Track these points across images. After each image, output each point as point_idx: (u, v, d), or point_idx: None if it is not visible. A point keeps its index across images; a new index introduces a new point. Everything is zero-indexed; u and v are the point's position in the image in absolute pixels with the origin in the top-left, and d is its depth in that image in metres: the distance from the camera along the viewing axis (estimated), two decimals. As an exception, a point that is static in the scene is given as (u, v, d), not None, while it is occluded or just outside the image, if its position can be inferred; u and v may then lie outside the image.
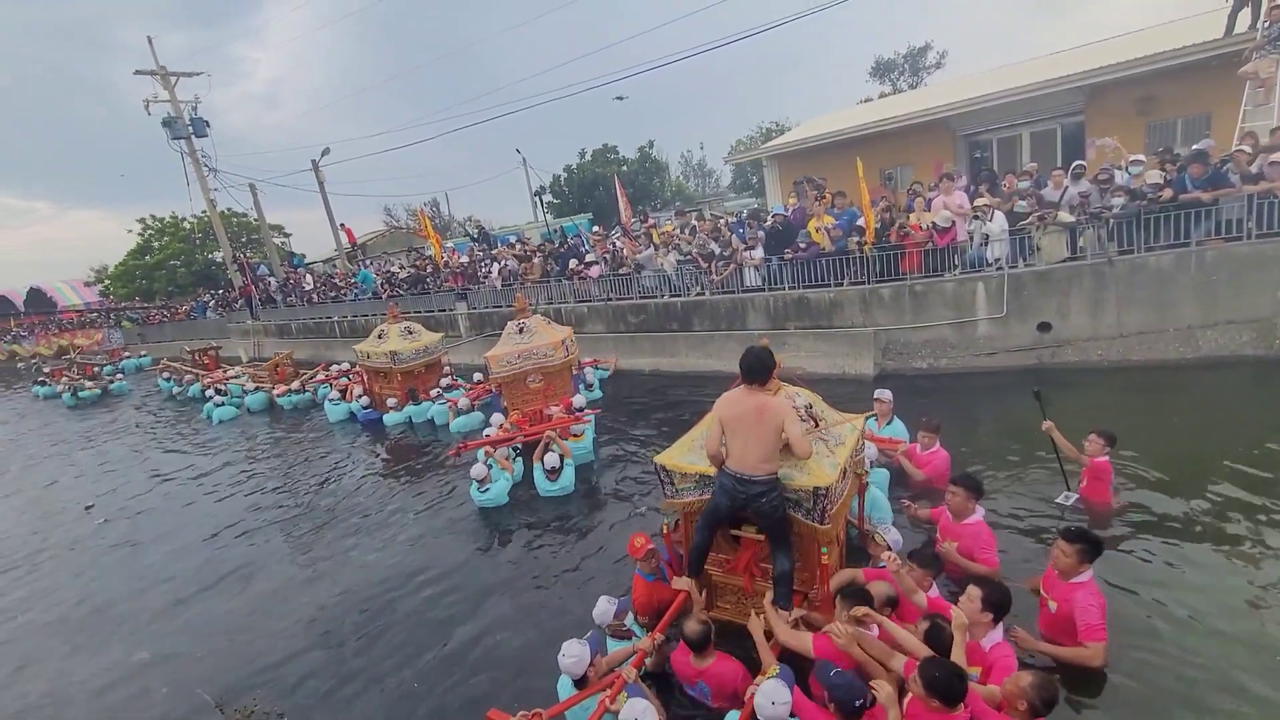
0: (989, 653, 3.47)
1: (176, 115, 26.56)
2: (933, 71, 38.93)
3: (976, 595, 3.53)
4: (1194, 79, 12.43)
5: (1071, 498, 5.44)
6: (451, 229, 43.34)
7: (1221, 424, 6.80)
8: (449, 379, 12.52)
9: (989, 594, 3.53)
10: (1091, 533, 3.88)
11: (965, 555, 4.54)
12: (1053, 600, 3.84)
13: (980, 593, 3.54)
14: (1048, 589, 3.91)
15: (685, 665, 3.87)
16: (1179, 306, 8.44)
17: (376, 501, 8.50)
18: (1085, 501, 5.40)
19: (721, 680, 3.77)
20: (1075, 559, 3.70)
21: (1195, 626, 4.05)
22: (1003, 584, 3.61)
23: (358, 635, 5.48)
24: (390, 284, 19.98)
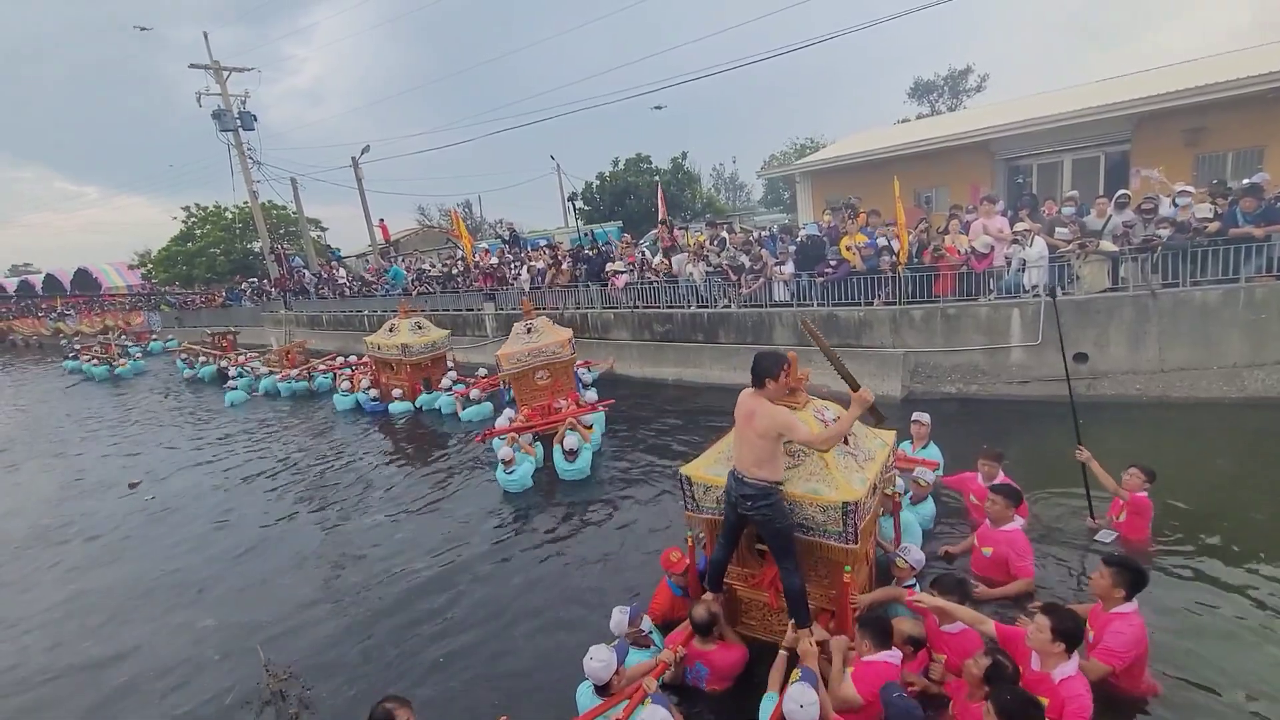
0: (1058, 686, 3.13)
1: (226, 108, 27.43)
2: (972, 95, 38.51)
3: (1045, 625, 3.18)
4: (1247, 111, 12.10)
5: (1111, 535, 5.25)
6: (483, 230, 43.88)
7: (1266, 469, 6.54)
8: (453, 374, 13.08)
9: (1058, 622, 3.17)
10: (1134, 561, 3.71)
11: (1000, 561, 4.67)
12: (1093, 629, 3.66)
13: (1049, 622, 3.18)
14: (1091, 621, 3.70)
15: (690, 646, 4.06)
16: (1225, 344, 8.16)
17: (406, 485, 8.94)
18: (1124, 539, 5.20)
19: (721, 664, 4.03)
20: (1111, 582, 3.55)
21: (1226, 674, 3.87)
22: (1073, 611, 3.32)
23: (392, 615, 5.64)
24: (420, 281, 20.25)
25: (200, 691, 4.95)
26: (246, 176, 28.27)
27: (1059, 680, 3.15)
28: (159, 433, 13.79)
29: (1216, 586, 4.70)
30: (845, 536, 3.85)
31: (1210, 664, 3.97)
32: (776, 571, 4.10)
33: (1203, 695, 3.77)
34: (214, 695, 4.87)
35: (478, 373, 13.08)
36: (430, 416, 12.43)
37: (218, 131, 27.59)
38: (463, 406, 11.79)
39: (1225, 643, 4.14)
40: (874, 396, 3.77)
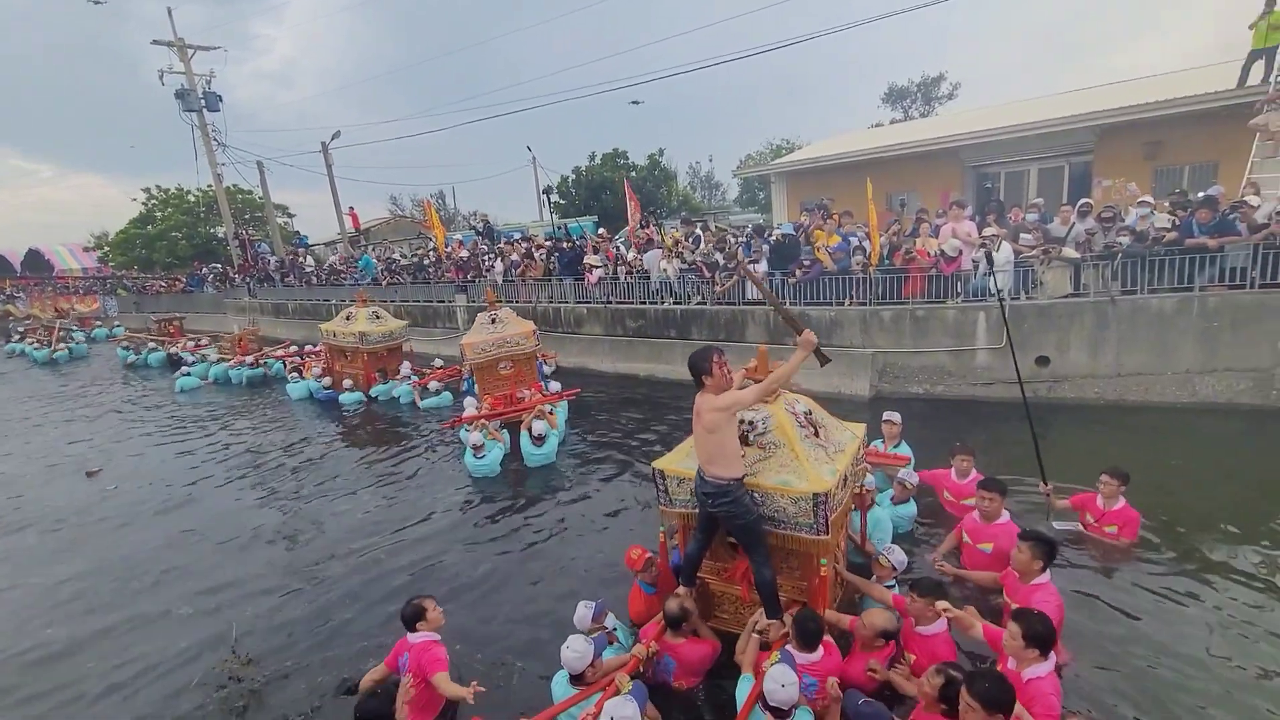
0: (1025, 685, 3.20)
1: (190, 88, 26.53)
2: (945, 102, 39.28)
3: (1017, 632, 3.28)
4: (1204, 127, 12.54)
5: (1073, 528, 5.45)
6: (456, 222, 43.29)
7: (1216, 472, 6.79)
8: (409, 364, 13.16)
9: (1028, 628, 3.26)
10: (1047, 535, 4.14)
11: (1001, 555, 4.59)
12: (1014, 602, 3.97)
13: (1020, 629, 3.27)
14: (1010, 593, 4.11)
15: (660, 640, 4.06)
16: (1179, 350, 8.44)
17: (371, 473, 8.90)
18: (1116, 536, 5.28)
19: (689, 658, 4.03)
20: (1030, 555, 3.92)
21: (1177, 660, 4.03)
22: (1043, 615, 3.36)
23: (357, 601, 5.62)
24: (390, 271, 19.88)
25: (161, 677, 4.86)
26: (211, 159, 27.40)
27: (1026, 680, 3.23)
28: (110, 420, 13.31)
29: (1170, 580, 4.85)
30: (816, 528, 3.87)
31: (1160, 649, 4.10)
32: (749, 565, 4.11)
33: (1153, 681, 3.89)
34: (176, 681, 4.78)
35: (433, 363, 13.20)
36: (386, 406, 12.42)
37: (181, 111, 26.69)
38: (421, 396, 11.88)
39: (1178, 630, 4.28)
40: (816, 341, 3.94)
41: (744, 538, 3.97)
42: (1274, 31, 11.51)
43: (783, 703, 3.25)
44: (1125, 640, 4.30)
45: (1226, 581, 4.84)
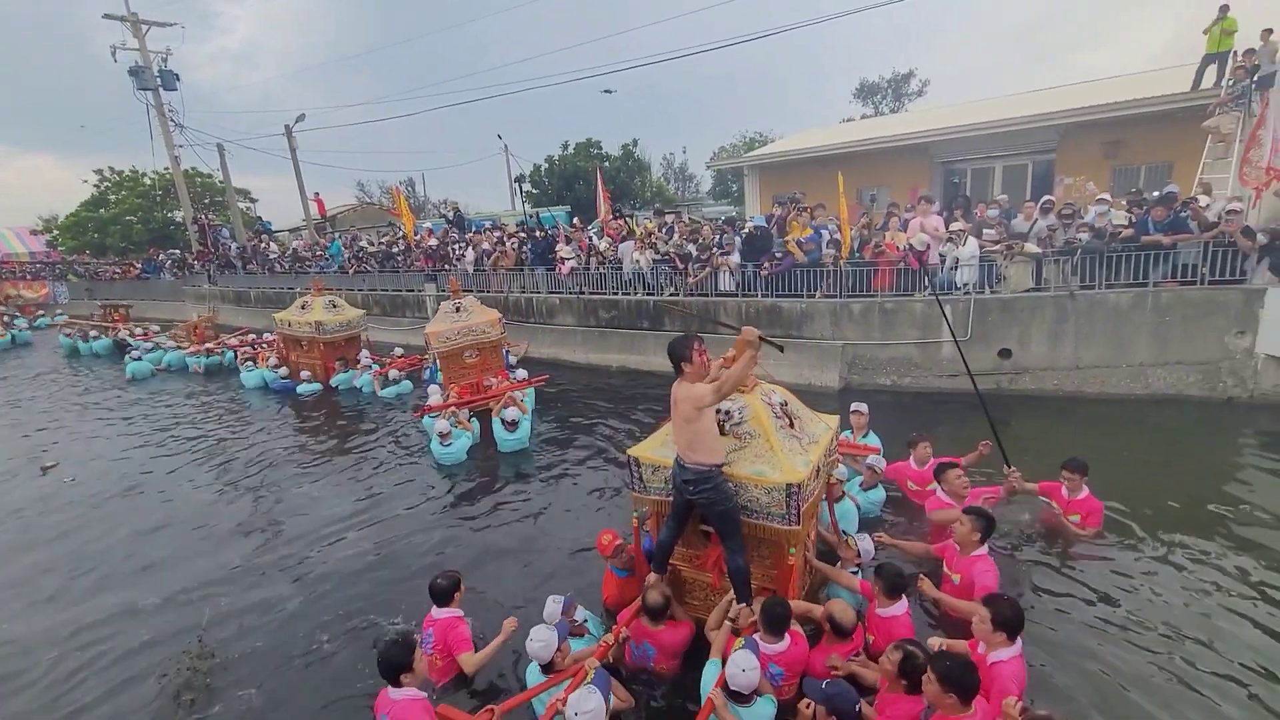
0: (990, 668, 3.33)
1: (145, 65, 25.46)
2: (914, 99, 39.84)
3: (986, 616, 3.42)
4: (1160, 128, 12.96)
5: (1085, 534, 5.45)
6: (426, 210, 42.53)
7: (1167, 461, 7.07)
8: (368, 354, 12.99)
9: (996, 613, 3.41)
10: (988, 510, 4.47)
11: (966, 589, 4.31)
12: (955, 574, 4.33)
13: (989, 613, 3.42)
14: (950, 565, 4.41)
15: (638, 627, 4.12)
16: (1133, 344, 8.75)
17: (335, 462, 8.79)
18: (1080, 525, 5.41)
19: (669, 643, 4.09)
20: (970, 528, 4.27)
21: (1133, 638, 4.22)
22: (1012, 601, 3.50)
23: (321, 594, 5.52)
24: (358, 259, 19.44)
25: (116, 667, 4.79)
26: (167, 140, 26.37)
27: (991, 663, 3.35)
28: (62, 410, 12.77)
29: (1127, 564, 5.05)
30: (788, 518, 3.92)
31: (1121, 631, 4.27)
32: (720, 553, 4.15)
33: (1099, 670, 4.04)
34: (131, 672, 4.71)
35: (394, 352, 13.10)
36: (346, 396, 12.22)
37: (135, 90, 25.60)
38: (382, 385, 11.81)
39: (1139, 611, 4.46)
40: (757, 333, 3.89)
41: (721, 524, 3.99)
42: (1226, 37, 11.93)
43: (743, 687, 3.32)
44: (1087, 624, 4.45)
45: (1179, 564, 5.05)
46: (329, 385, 12.55)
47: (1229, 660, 4.04)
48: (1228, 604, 4.56)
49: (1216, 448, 7.42)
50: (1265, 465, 6.75)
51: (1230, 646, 4.15)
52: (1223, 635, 4.25)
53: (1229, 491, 6.22)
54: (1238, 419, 8.02)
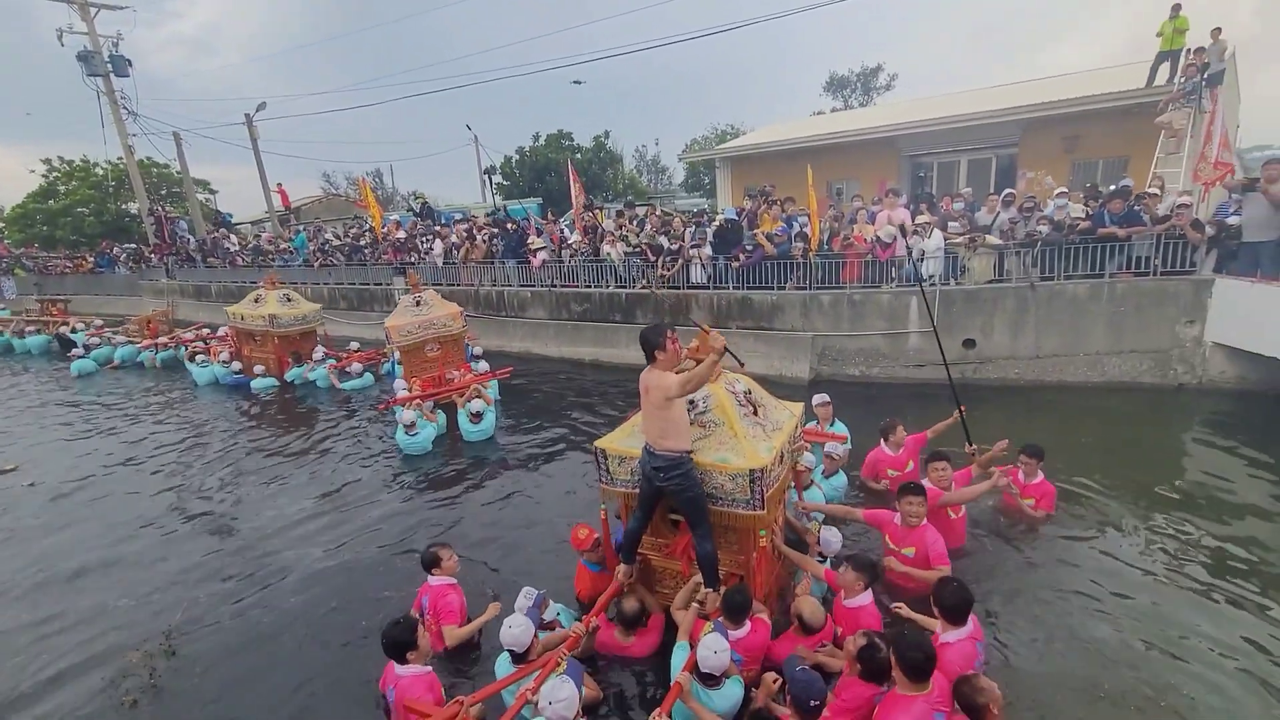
0: (940, 648, 3.43)
1: (94, 50, 24.41)
2: (883, 92, 40.38)
3: (935, 597, 3.63)
4: (1116, 124, 13.34)
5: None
6: (394, 202, 41.75)
7: (1121, 446, 7.31)
8: (323, 348, 12.93)
9: (939, 595, 3.60)
10: (919, 485, 4.74)
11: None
12: (909, 548, 4.59)
13: (933, 594, 3.63)
14: (898, 541, 4.65)
15: (610, 640, 4.19)
16: (1090, 333, 9.02)
17: (300, 458, 8.69)
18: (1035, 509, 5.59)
19: (637, 655, 4.15)
20: (922, 510, 4.56)
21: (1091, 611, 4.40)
22: (959, 586, 3.61)
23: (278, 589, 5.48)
24: (323, 252, 19.00)
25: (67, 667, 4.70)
26: (120, 129, 25.37)
27: (940, 643, 3.46)
28: (6, 411, 12.27)
29: (1079, 548, 5.22)
30: (753, 503, 3.97)
31: (1073, 607, 4.42)
32: (689, 540, 4.20)
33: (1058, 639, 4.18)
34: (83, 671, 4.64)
35: (349, 346, 13.07)
36: (303, 390, 12.12)
37: (85, 76, 24.54)
38: (340, 379, 11.81)
39: (1095, 587, 4.62)
40: (724, 341, 3.73)
41: (690, 511, 4.04)
42: (1178, 35, 12.31)
43: (714, 669, 3.40)
44: (1047, 601, 4.61)
45: (1132, 542, 5.26)
46: (284, 380, 12.43)
47: (1177, 627, 4.24)
48: (1174, 575, 4.79)
49: (1168, 433, 7.71)
50: (1212, 449, 7.05)
51: (1176, 613, 4.37)
52: (1170, 602, 4.48)
53: (1178, 474, 6.48)
54: (1187, 405, 8.34)
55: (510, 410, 10.06)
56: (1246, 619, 4.32)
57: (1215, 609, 4.43)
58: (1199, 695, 3.70)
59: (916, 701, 3.02)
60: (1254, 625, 4.25)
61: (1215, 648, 4.05)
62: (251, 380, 12.35)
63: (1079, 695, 3.76)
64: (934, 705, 3.02)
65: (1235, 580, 4.72)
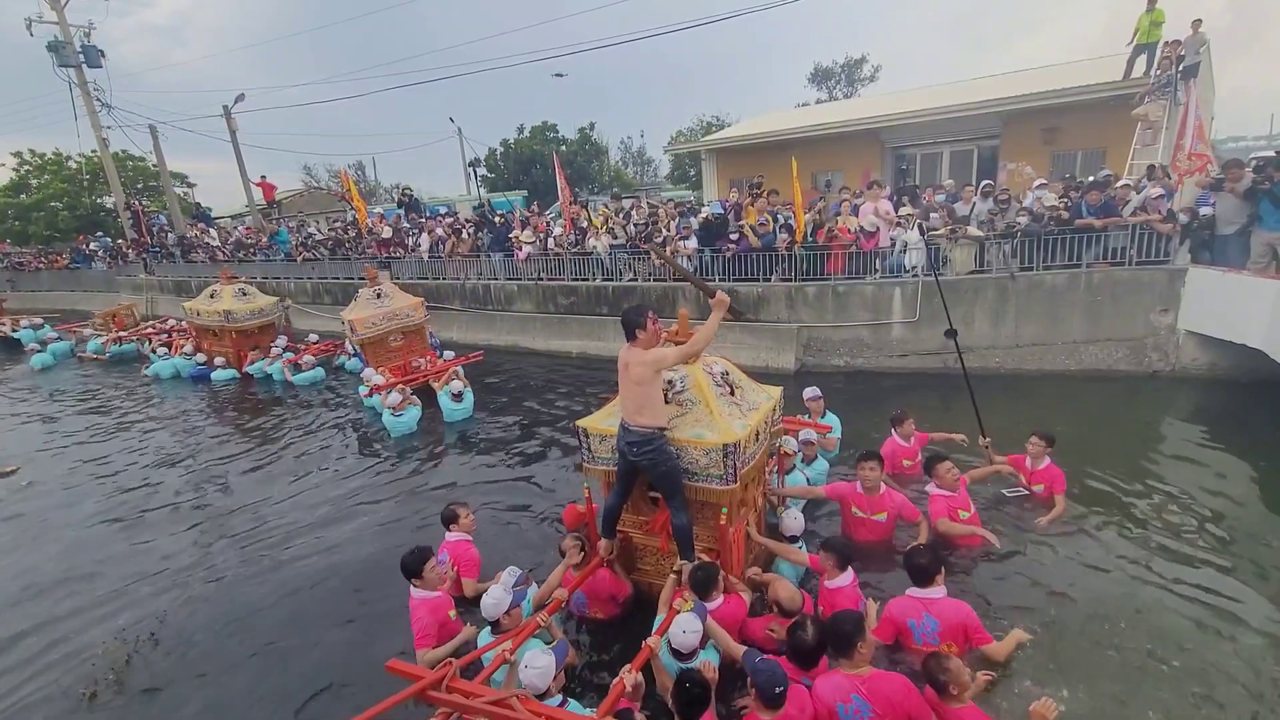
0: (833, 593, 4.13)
1: (65, 40, 23.84)
2: (867, 84, 40.47)
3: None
4: (1094, 115, 13.52)
5: (1019, 493, 5.78)
6: (377, 195, 41.34)
7: (1098, 433, 7.49)
8: (283, 340, 13.33)
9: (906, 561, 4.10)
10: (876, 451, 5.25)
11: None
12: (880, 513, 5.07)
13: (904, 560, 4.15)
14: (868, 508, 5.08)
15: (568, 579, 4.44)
16: (1068, 322, 9.20)
17: (277, 446, 8.97)
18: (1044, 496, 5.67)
19: (593, 588, 4.47)
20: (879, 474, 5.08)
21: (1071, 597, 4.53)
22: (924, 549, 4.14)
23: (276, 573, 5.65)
24: (305, 246, 18.79)
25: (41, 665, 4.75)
26: (93, 121, 24.82)
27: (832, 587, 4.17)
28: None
29: (1060, 530, 5.33)
30: (726, 478, 4.11)
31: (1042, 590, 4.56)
32: (667, 517, 4.35)
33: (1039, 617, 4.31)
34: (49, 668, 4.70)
35: (308, 338, 13.42)
36: (263, 383, 12.43)
37: (55, 66, 23.97)
38: (293, 372, 12.02)
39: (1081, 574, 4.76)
40: (728, 300, 4.14)
41: (664, 484, 4.20)
42: (1155, 28, 12.50)
43: (683, 646, 3.53)
44: (1035, 585, 4.73)
45: (1111, 525, 5.40)
46: (244, 373, 12.80)
47: (1151, 605, 4.40)
48: (1147, 557, 4.96)
49: (1143, 419, 7.90)
50: (1186, 436, 7.25)
51: (1150, 595, 4.53)
52: (1145, 588, 4.62)
53: (1152, 460, 6.66)
54: (1161, 391, 8.55)
55: (496, 398, 10.33)
56: (1223, 605, 4.45)
57: (1189, 592, 4.55)
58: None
59: (835, 675, 3.26)
60: (1223, 605, 4.41)
61: (1191, 641, 4.15)
62: (212, 372, 12.76)
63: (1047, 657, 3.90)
64: (855, 686, 3.18)
65: (1203, 563, 4.89)
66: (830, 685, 3.23)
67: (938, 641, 3.84)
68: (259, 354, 12.92)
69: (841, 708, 3.15)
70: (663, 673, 3.62)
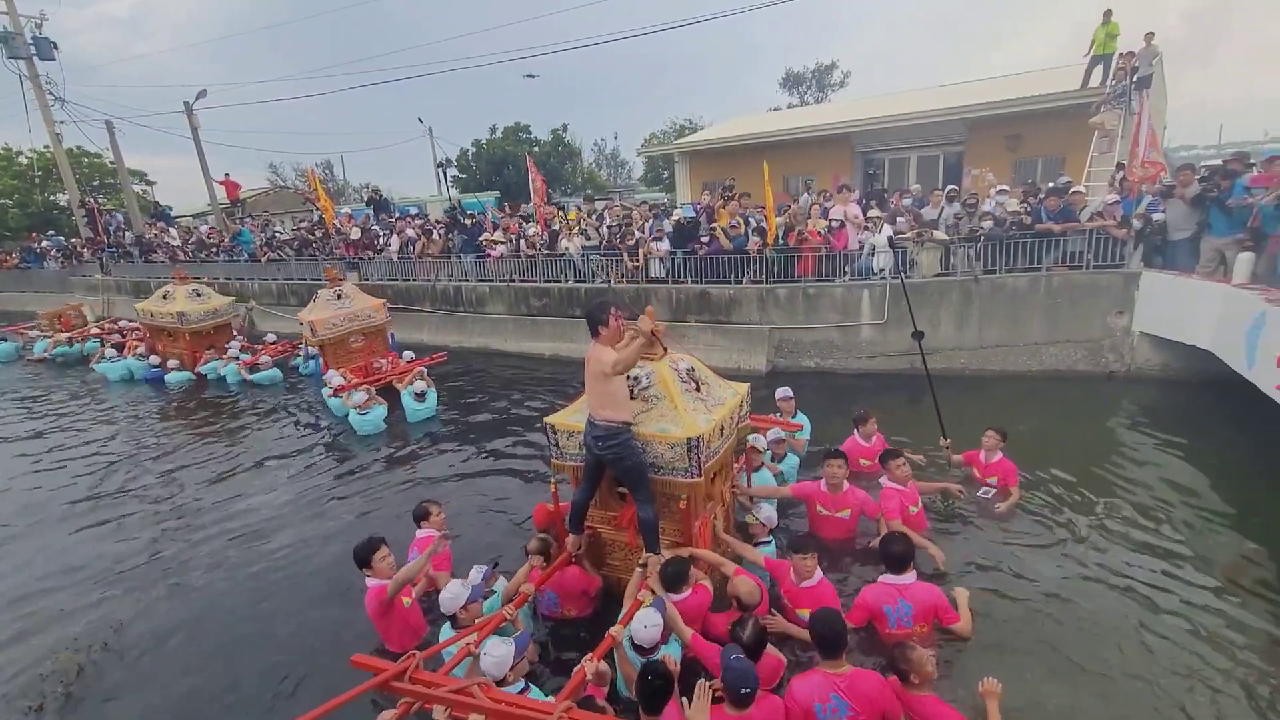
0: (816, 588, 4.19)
1: (15, 31, 22.95)
2: (837, 89, 41.10)
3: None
4: (1054, 123, 13.94)
5: (990, 492, 5.91)
6: (346, 195, 40.63)
7: (1058, 432, 7.71)
8: (239, 341, 13.21)
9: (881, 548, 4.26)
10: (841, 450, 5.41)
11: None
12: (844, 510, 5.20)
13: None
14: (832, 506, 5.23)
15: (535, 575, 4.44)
16: (1029, 324, 9.45)
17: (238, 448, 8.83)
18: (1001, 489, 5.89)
19: (563, 585, 4.47)
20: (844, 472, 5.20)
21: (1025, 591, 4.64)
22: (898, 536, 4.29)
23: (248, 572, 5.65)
24: (270, 246, 18.36)
25: None
26: (45, 115, 23.93)
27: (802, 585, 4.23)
28: None
29: (1021, 526, 5.50)
30: (690, 471, 4.18)
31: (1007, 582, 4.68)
32: (634, 510, 4.38)
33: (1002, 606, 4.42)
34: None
35: (266, 338, 13.51)
36: (217, 385, 12.28)
37: (4, 58, 23.06)
38: (249, 373, 11.92)
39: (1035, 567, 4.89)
40: (651, 325, 4.28)
41: (629, 479, 4.25)
42: (1110, 40, 12.95)
43: (644, 641, 3.58)
44: (989, 571, 4.87)
45: (1068, 522, 5.56)
46: (198, 374, 12.63)
47: (1108, 590, 4.57)
48: (1099, 544, 5.17)
49: (1100, 418, 8.14)
50: (1140, 433, 7.49)
51: (1095, 577, 4.72)
52: (1091, 571, 4.82)
53: (1108, 457, 6.87)
54: (1118, 391, 8.83)
55: (466, 399, 10.35)
56: (1164, 585, 4.69)
57: (1138, 586, 4.72)
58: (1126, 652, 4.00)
59: (815, 674, 3.29)
60: (1164, 586, 4.62)
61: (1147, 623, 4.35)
62: (166, 374, 12.46)
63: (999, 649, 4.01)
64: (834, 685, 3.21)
65: (1148, 550, 5.10)
66: (809, 685, 3.25)
67: (912, 624, 3.97)
68: (213, 354, 12.80)
69: (819, 708, 3.17)
70: (627, 664, 3.66)
